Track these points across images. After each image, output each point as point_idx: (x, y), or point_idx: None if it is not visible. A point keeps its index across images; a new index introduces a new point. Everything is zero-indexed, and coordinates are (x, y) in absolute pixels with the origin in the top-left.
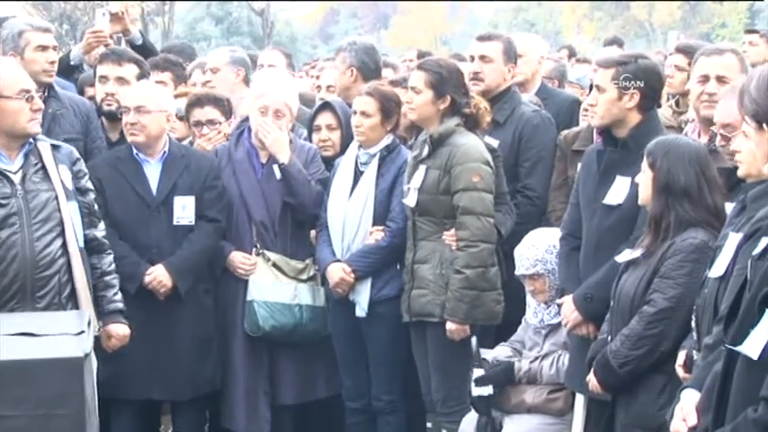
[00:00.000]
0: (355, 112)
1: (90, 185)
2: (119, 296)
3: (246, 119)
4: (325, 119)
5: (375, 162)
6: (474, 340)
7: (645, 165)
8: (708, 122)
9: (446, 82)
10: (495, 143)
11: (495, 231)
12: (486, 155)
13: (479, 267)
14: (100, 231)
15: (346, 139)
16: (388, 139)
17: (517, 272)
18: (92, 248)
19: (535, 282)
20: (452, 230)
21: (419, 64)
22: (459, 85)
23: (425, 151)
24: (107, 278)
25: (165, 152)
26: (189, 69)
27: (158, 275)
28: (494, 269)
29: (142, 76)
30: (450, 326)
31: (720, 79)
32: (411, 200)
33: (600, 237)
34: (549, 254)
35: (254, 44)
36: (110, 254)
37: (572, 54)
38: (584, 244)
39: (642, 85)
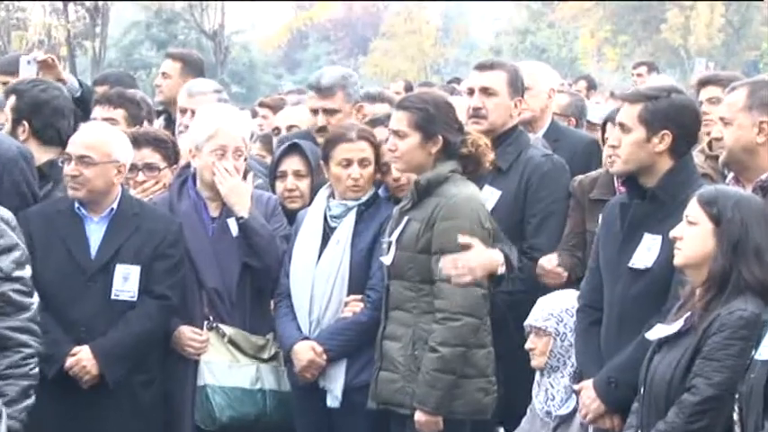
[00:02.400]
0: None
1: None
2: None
3: (188, 165)
4: (292, 164)
5: (351, 216)
6: None
7: (699, 215)
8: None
9: (434, 119)
10: (496, 194)
11: (484, 303)
12: (484, 213)
13: (459, 347)
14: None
15: (317, 189)
16: (368, 192)
17: (527, 320)
18: None
19: (539, 339)
20: (450, 258)
21: (399, 102)
22: (451, 120)
23: (409, 201)
24: None
25: (112, 209)
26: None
27: (82, 359)
28: (482, 351)
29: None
30: (418, 416)
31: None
32: (388, 257)
33: (625, 308)
34: (569, 316)
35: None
36: (19, 352)
37: (591, 86)
38: (605, 317)
39: (675, 125)
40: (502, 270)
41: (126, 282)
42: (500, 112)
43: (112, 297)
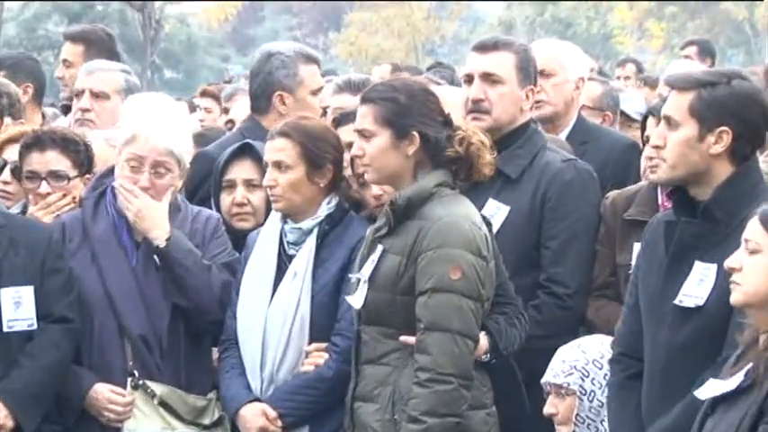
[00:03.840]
0: (266, 165)
1: None
2: None
3: (108, 173)
4: (242, 171)
5: (311, 242)
6: None
7: (763, 240)
8: None
9: (407, 111)
10: (504, 211)
11: (474, 361)
12: (479, 237)
13: (450, 416)
14: None
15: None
16: (328, 205)
17: (545, 377)
18: None
19: (560, 400)
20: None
21: (363, 94)
22: (430, 112)
23: (384, 224)
24: None
25: None
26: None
27: None
28: (480, 413)
29: None
30: None
31: None
32: (357, 298)
33: (671, 358)
34: (598, 368)
35: (131, 54)
36: None
37: (640, 70)
38: (646, 370)
39: (736, 121)
40: (485, 358)
41: (19, 308)
42: (507, 105)
43: (5, 330)
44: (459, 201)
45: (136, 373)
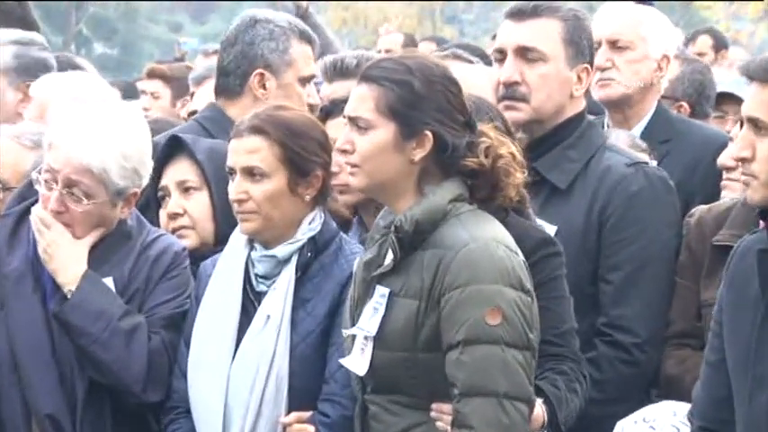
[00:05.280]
0: (233, 171)
1: None
2: None
3: (29, 186)
4: (174, 173)
5: (289, 274)
6: None
7: None
8: None
9: (422, 102)
10: (550, 230)
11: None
12: (518, 265)
13: None
14: None
15: (222, 218)
16: (310, 224)
17: None
18: None
19: None
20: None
21: (363, 71)
22: (451, 107)
23: (388, 259)
24: None
25: None
26: None
27: None
28: None
29: None
30: None
31: None
32: (359, 362)
33: None
34: None
35: (49, 23)
36: None
37: (720, 45)
38: None
39: None
40: None
41: None
42: (551, 90)
43: None
44: (483, 219)
45: None
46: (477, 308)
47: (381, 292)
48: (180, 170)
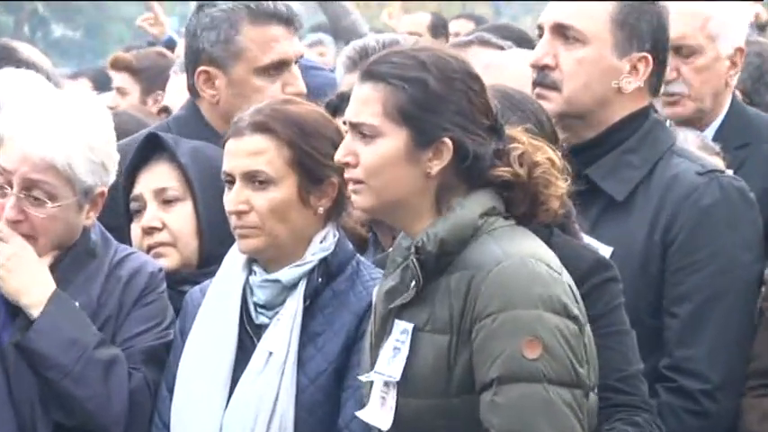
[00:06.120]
0: (230, 178)
1: None
2: None
3: None
4: (151, 179)
5: (295, 304)
6: None
7: None
8: None
9: (440, 104)
10: (604, 253)
11: None
12: (562, 287)
13: None
14: None
15: (209, 233)
16: (322, 243)
17: None
18: None
19: None
20: None
21: (366, 66)
22: (474, 108)
23: (410, 287)
24: None
25: None
26: None
27: None
28: None
29: None
30: None
31: None
32: (382, 415)
33: None
34: None
35: None
36: None
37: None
38: None
39: None
40: None
41: None
42: (589, 79)
43: None
44: (522, 234)
45: None
46: (513, 338)
47: (402, 327)
48: (158, 176)
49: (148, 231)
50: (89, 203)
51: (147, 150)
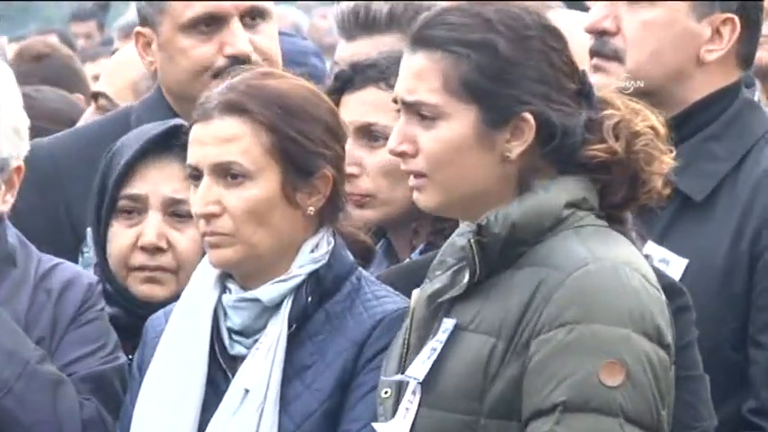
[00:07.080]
0: (197, 172)
1: None
2: None
3: None
4: (160, 180)
5: (278, 328)
6: None
7: None
8: None
9: (514, 71)
10: (677, 266)
11: None
12: (659, 307)
13: None
14: None
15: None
16: (313, 252)
17: None
18: None
19: None
20: None
21: (416, 31)
22: (556, 72)
23: (464, 279)
24: None
25: None
26: None
27: None
28: None
29: None
30: None
31: None
32: (396, 427)
33: None
34: None
35: None
36: None
37: None
38: None
39: None
40: None
41: None
42: (659, 47)
43: None
44: (614, 239)
45: None
46: (590, 358)
47: (446, 326)
48: (172, 181)
49: (149, 250)
50: (4, 182)
51: (160, 144)
